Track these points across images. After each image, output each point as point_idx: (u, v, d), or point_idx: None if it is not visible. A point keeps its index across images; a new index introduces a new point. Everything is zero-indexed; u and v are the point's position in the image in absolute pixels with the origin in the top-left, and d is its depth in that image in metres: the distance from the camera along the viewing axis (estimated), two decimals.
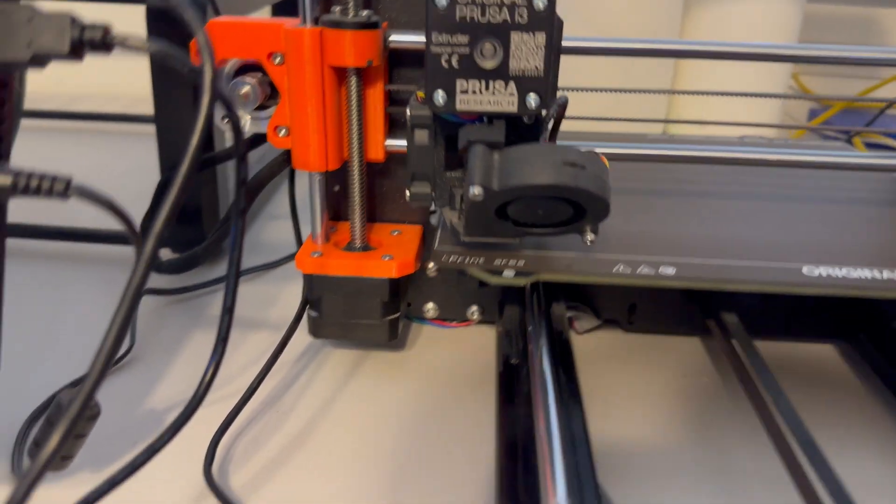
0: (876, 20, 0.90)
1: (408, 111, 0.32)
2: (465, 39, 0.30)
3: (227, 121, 0.36)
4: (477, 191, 0.28)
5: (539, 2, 0.29)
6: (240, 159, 0.23)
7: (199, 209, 0.44)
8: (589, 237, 0.31)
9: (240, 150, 0.22)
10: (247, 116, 0.35)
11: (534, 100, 0.30)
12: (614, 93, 0.50)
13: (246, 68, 0.35)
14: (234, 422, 0.31)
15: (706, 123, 0.67)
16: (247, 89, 0.34)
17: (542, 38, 0.29)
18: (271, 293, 0.44)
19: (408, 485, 0.29)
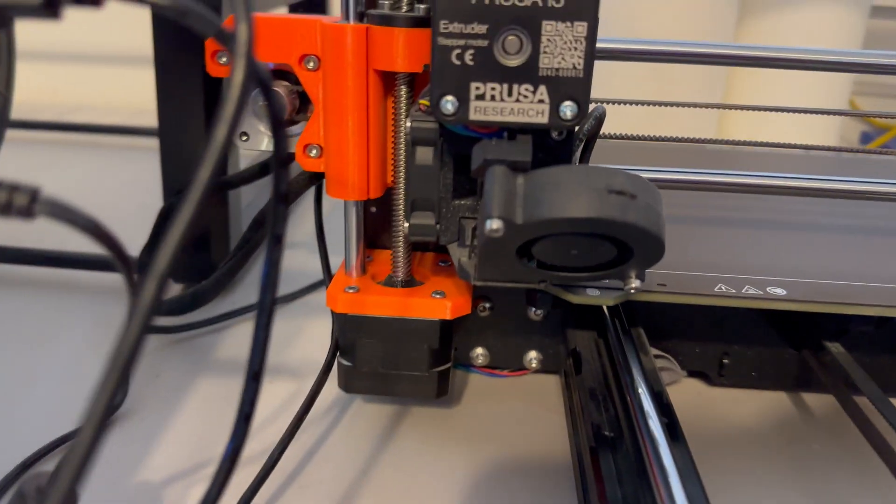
0: None
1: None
2: (483, 29, 0.23)
3: (246, 138, 0.30)
4: (496, 225, 0.21)
5: None
6: (279, 165, 0.16)
7: (208, 235, 0.38)
8: (634, 284, 0.25)
9: (281, 152, 0.16)
10: (269, 134, 0.29)
11: (570, 109, 0.23)
12: (652, 107, 0.44)
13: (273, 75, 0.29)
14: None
15: (757, 145, 0.62)
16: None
17: (582, 28, 0.22)
18: (289, 331, 0.38)
19: None
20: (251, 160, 0.39)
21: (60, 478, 0.13)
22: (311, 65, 0.27)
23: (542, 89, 0.23)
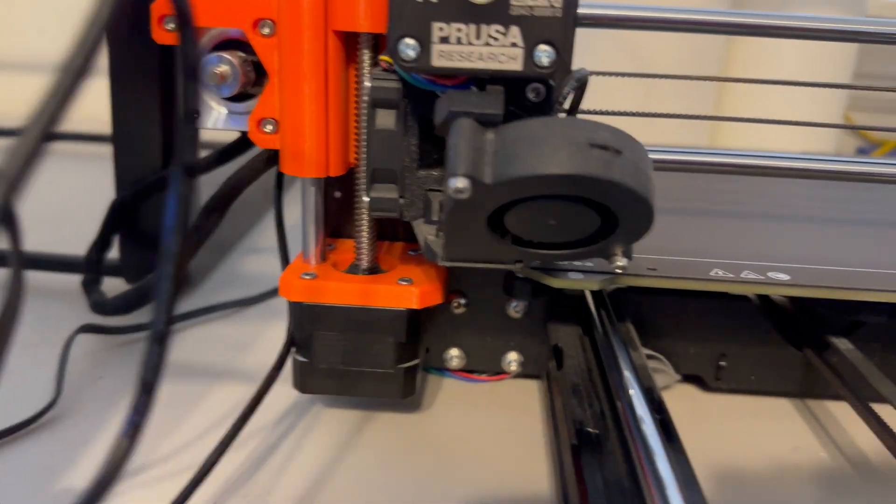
0: None
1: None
2: None
3: (196, 116, 0.27)
4: (461, 183, 0.19)
5: None
6: (187, 78, 0.13)
7: (155, 228, 0.35)
8: (620, 262, 0.22)
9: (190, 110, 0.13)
10: (221, 108, 0.27)
11: (546, 55, 0.20)
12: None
13: (225, 46, 0.26)
14: None
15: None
16: (224, 68, 0.26)
17: None
18: (248, 335, 0.35)
19: None
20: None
21: None
22: (266, 30, 0.25)
23: (515, 31, 0.20)
